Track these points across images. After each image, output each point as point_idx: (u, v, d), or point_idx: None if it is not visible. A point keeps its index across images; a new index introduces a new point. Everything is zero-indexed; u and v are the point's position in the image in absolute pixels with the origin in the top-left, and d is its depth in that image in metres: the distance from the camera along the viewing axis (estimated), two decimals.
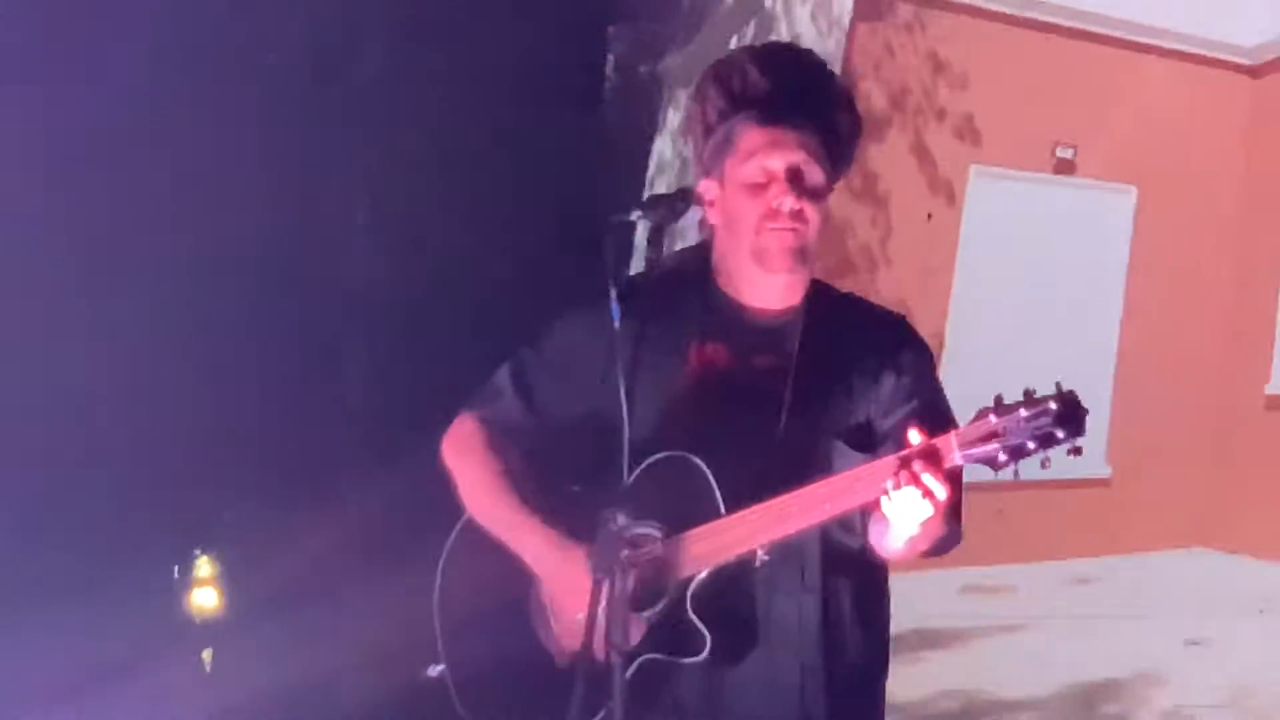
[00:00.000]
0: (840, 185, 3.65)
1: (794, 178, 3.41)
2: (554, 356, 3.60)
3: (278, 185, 4.01)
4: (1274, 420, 8.56)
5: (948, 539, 3.39)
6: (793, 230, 3.39)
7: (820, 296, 3.55)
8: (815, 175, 3.43)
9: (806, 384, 3.45)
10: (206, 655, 4.23)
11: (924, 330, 3.67)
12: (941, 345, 7.37)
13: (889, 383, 3.40)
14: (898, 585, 3.71)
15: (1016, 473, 3.15)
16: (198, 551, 4.17)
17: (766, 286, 3.52)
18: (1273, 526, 7.83)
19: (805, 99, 3.46)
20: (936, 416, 3.21)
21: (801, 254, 3.44)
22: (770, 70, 3.47)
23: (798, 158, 3.43)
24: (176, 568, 4.16)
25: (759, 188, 3.41)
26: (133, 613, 4.07)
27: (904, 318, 3.58)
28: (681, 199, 3.41)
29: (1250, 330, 8.67)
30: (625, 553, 3.31)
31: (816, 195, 3.42)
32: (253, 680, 4.14)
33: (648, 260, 3.48)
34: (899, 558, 3.42)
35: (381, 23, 4.06)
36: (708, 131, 3.52)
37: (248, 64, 4.05)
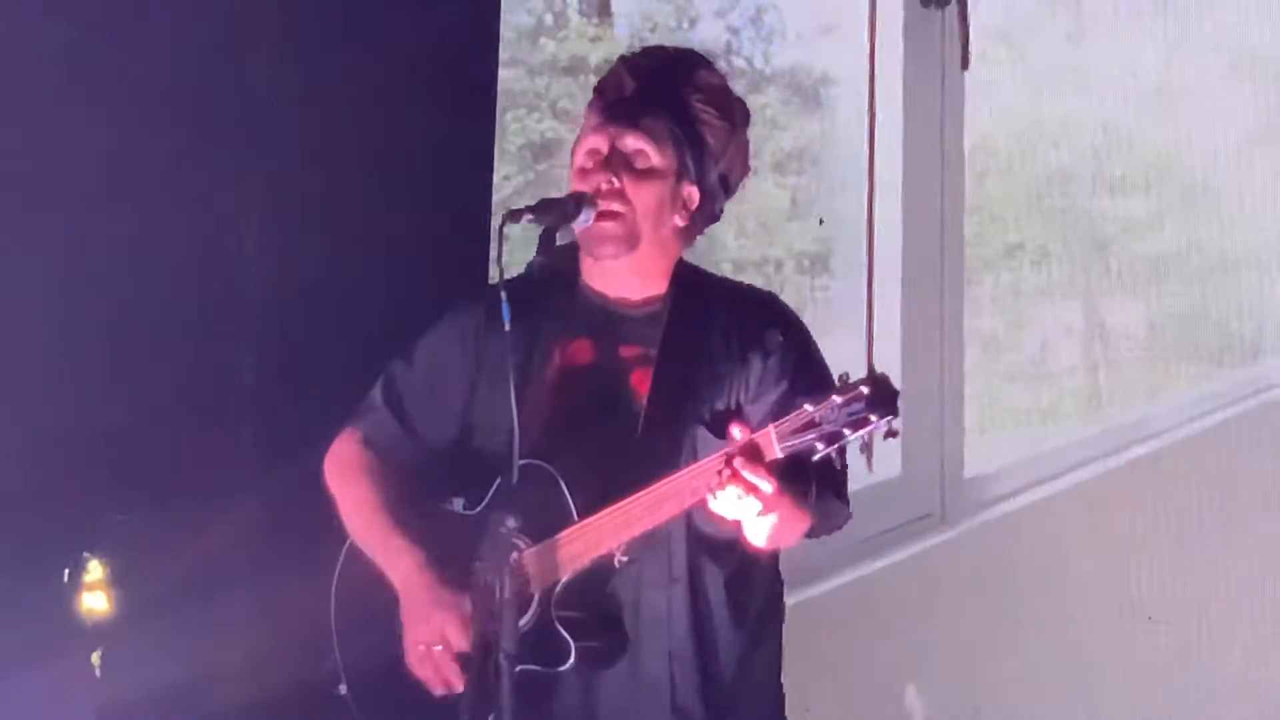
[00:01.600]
0: None
1: (615, 157, 3.44)
2: (424, 368, 3.63)
3: (166, 185, 3.98)
4: None
5: (827, 522, 3.42)
6: (612, 212, 3.42)
7: (687, 282, 3.58)
8: (648, 158, 3.46)
9: (670, 375, 3.48)
10: (96, 658, 4.20)
11: None
12: None
13: (757, 365, 3.44)
14: None
15: (844, 464, 3.21)
16: (86, 555, 4.14)
17: (615, 275, 3.55)
18: None
19: (652, 89, 3.49)
20: (812, 392, 3.23)
21: (626, 238, 3.47)
22: (629, 65, 3.52)
23: (624, 138, 3.46)
24: (66, 571, 4.12)
25: (588, 172, 3.44)
26: (21, 616, 4.04)
27: (774, 295, 3.62)
28: (574, 202, 3.44)
29: None
30: (514, 556, 3.33)
31: (647, 175, 3.45)
32: (143, 682, 4.13)
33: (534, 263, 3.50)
34: (776, 547, 3.45)
35: (274, 22, 4.03)
36: None
37: (135, 60, 4.01)
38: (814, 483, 3.34)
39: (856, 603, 5.87)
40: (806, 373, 3.49)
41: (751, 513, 3.21)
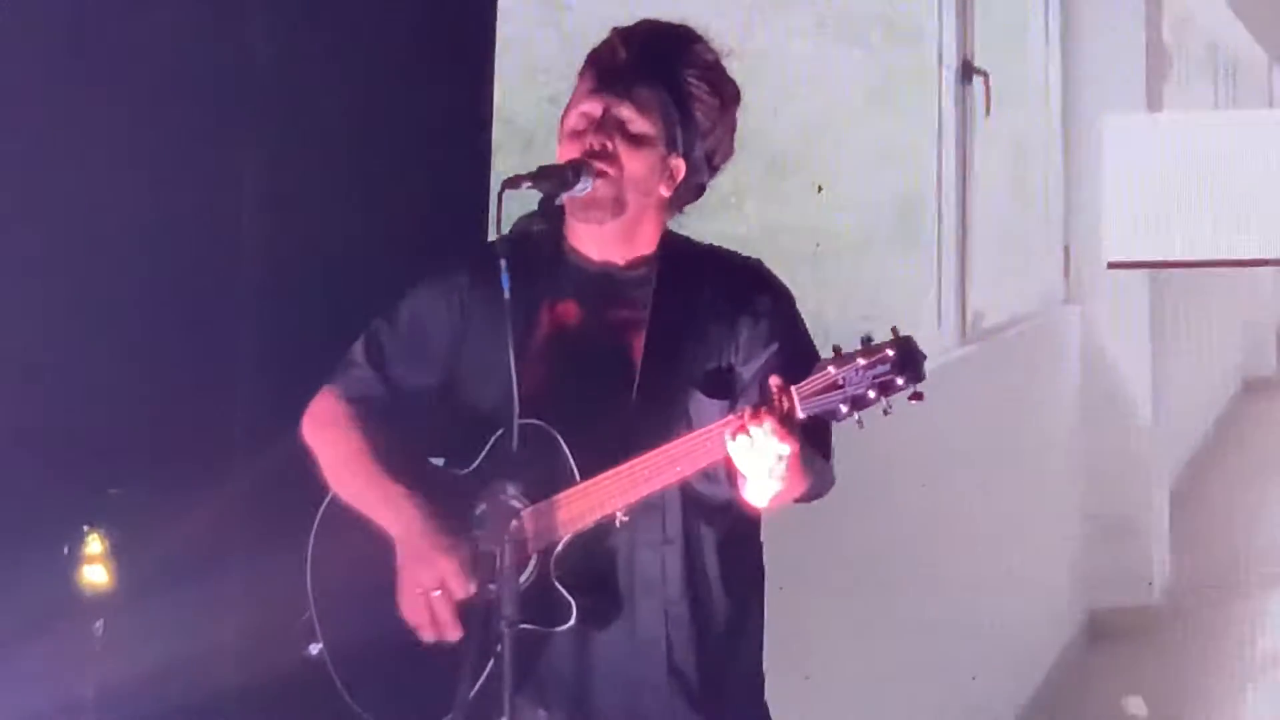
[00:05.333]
0: None
1: (609, 120, 3.48)
2: (407, 326, 3.66)
3: (158, 157, 3.99)
4: None
5: (817, 484, 3.46)
6: (603, 172, 3.46)
7: (673, 247, 3.61)
8: (640, 125, 3.50)
9: (661, 338, 3.52)
10: (97, 629, 4.22)
11: None
12: None
13: (746, 329, 3.48)
14: None
15: (860, 422, 3.23)
16: (86, 528, 4.15)
17: (601, 239, 3.58)
18: None
19: (646, 59, 3.53)
20: (798, 359, 3.28)
21: (613, 202, 3.50)
22: (622, 36, 3.56)
23: (617, 104, 3.50)
24: (66, 545, 4.14)
25: (580, 134, 3.48)
26: (21, 590, 4.05)
27: (760, 262, 3.66)
28: (573, 170, 3.47)
29: None
30: (514, 523, 3.35)
31: (637, 142, 3.49)
32: (143, 654, 4.13)
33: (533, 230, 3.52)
34: (769, 508, 3.49)
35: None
36: None
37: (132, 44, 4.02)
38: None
39: None
40: (793, 337, 3.52)
41: (769, 468, 3.23)
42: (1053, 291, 9.63)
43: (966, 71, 7.83)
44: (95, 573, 4.21)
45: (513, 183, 3.46)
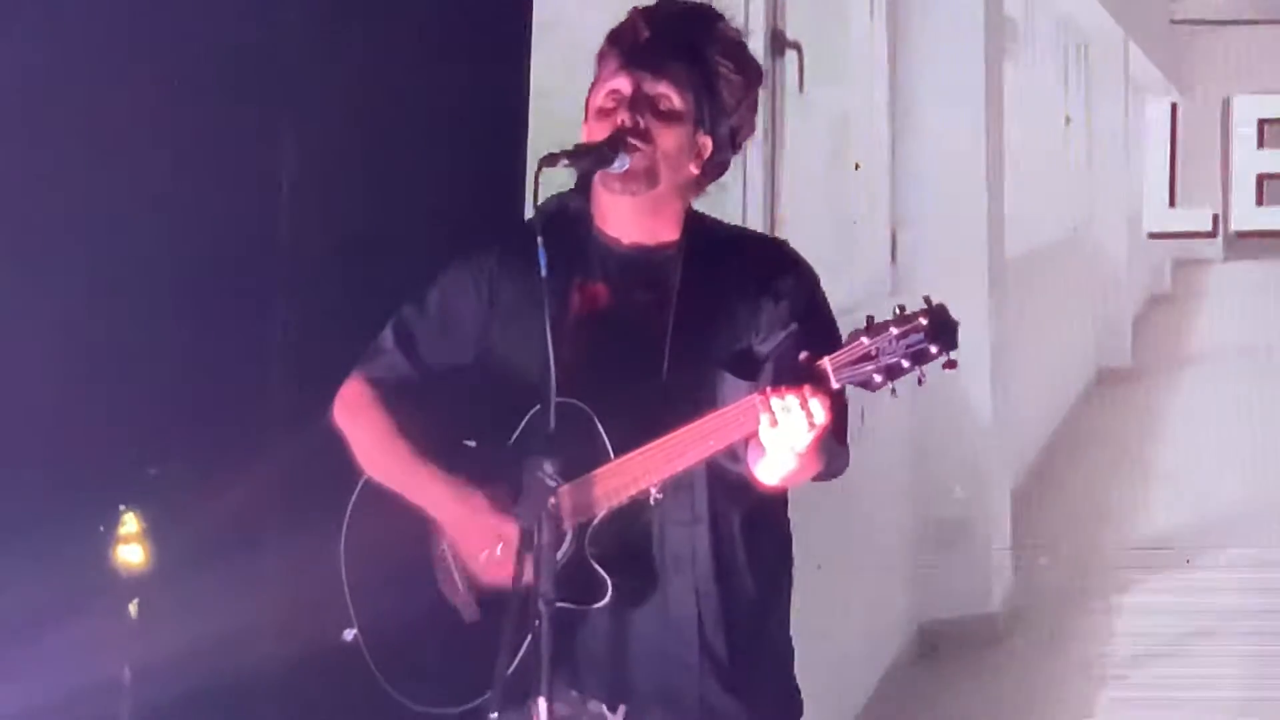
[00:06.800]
0: None
1: (640, 98, 3.48)
2: (436, 309, 3.66)
3: (198, 139, 4.02)
4: None
5: (832, 465, 3.45)
6: (636, 147, 3.46)
7: (699, 228, 3.61)
8: (671, 101, 3.50)
9: (688, 317, 3.51)
10: (132, 608, 4.25)
11: None
12: None
13: (768, 308, 3.46)
14: None
15: (894, 390, 3.22)
16: (122, 508, 4.18)
17: (629, 220, 3.57)
18: None
19: (672, 37, 3.53)
20: (818, 337, 3.27)
21: (647, 174, 3.50)
22: (646, 14, 3.55)
23: (648, 81, 3.50)
24: (102, 524, 4.17)
25: (609, 112, 3.48)
26: (58, 569, 4.08)
27: (784, 242, 3.65)
28: (609, 147, 3.47)
29: None
30: (551, 501, 3.36)
31: (669, 118, 3.49)
32: (178, 633, 4.16)
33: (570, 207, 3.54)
34: (783, 486, 3.48)
35: None
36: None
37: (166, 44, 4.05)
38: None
39: None
40: (815, 316, 3.51)
41: (802, 444, 3.23)
42: (878, 283, 8.88)
43: (778, 43, 7.08)
44: (131, 552, 4.25)
45: (550, 160, 3.46)
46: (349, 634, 3.74)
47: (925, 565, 8.19)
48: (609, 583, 3.43)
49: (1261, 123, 7.45)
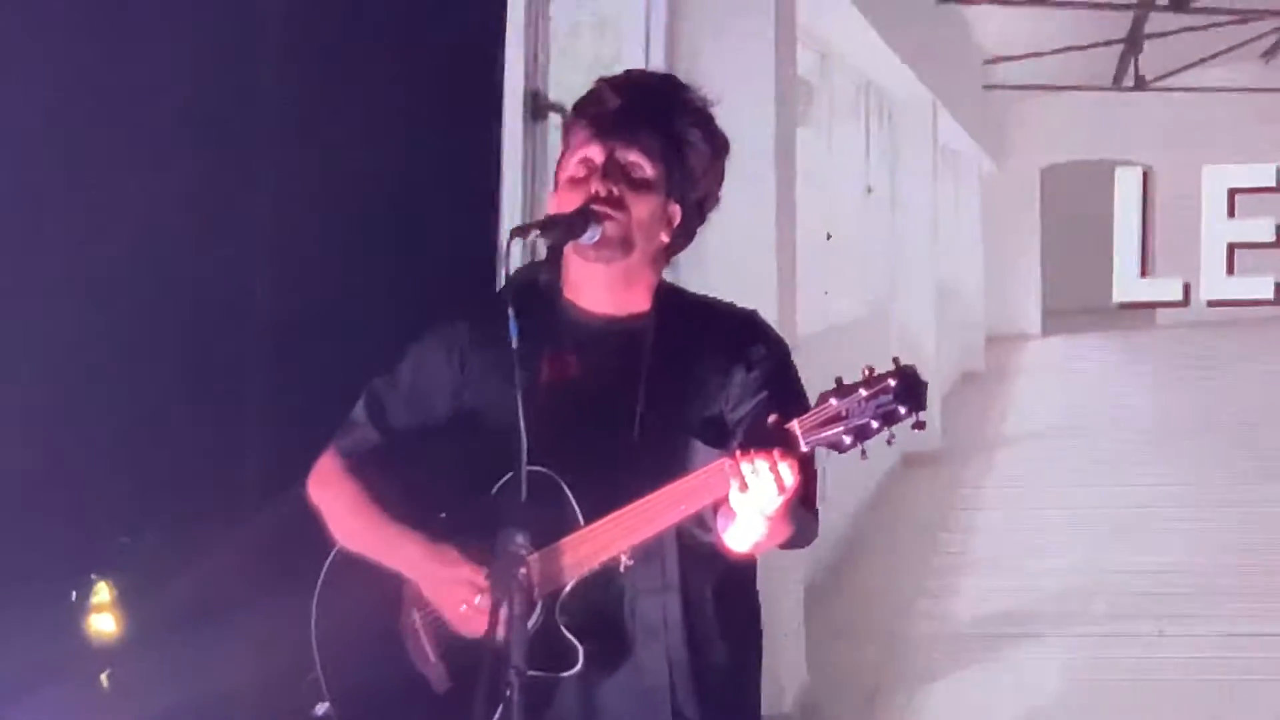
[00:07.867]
0: None
1: (613, 166, 3.50)
2: (409, 381, 3.67)
3: (172, 197, 4.03)
4: None
5: (802, 532, 3.45)
6: (610, 216, 3.48)
7: (669, 299, 3.62)
8: (644, 170, 3.52)
9: (659, 387, 3.52)
10: (104, 678, 4.23)
11: None
12: None
13: (739, 377, 3.48)
14: None
15: (864, 452, 3.23)
16: (94, 577, 4.17)
17: (599, 291, 3.59)
18: None
19: (642, 106, 3.55)
20: (788, 406, 3.28)
21: (621, 242, 3.52)
22: (614, 85, 3.58)
23: (620, 149, 3.52)
24: (73, 592, 4.16)
25: (581, 180, 3.50)
26: (30, 637, 4.07)
27: (755, 313, 3.66)
28: (580, 218, 3.48)
29: None
30: (521, 571, 3.36)
31: (641, 187, 3.51)
32: (150, 702, 4.15)
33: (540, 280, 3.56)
34: (750, 554, 3.49)
35: (280, 29, 4.09)
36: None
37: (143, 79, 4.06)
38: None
39: None
40: (786, 385, 3.52)
41: (771, 508, 3.23)
42: None
43: (538, 105, 6.33)
44: (103, 621, 4.23)
45: (521, 231, 3.48)
46: (321, 708, 3.72)
47: None
48: (580, 650, 3.43)
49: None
